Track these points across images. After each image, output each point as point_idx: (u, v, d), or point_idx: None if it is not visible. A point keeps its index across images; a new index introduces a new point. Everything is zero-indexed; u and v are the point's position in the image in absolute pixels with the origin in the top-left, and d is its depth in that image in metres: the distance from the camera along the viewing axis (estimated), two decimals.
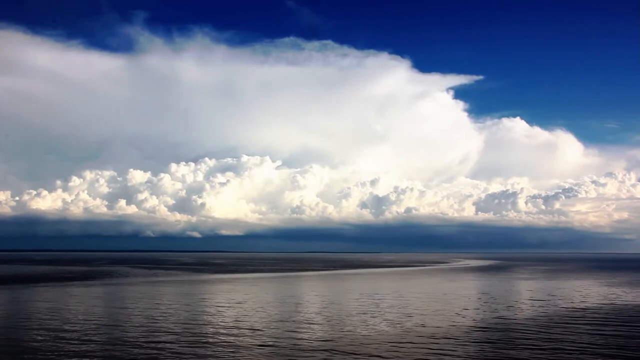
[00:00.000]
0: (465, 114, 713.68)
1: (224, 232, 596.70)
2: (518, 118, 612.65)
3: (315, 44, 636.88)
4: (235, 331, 31.16)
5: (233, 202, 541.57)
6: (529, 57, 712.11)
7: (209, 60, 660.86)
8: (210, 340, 28.40)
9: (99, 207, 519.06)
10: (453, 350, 25.75)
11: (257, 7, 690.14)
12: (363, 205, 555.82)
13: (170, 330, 31.28)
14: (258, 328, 32.24)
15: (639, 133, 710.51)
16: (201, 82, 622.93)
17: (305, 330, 31.49)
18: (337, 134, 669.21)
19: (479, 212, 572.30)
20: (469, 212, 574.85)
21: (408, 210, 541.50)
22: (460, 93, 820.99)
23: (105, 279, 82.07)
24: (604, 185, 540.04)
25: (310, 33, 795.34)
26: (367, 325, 33.34)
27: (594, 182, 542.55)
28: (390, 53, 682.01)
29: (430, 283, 75.95)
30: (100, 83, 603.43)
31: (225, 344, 27.38)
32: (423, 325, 33.28)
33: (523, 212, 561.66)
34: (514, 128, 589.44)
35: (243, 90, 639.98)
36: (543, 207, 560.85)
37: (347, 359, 24.18)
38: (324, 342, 27.71)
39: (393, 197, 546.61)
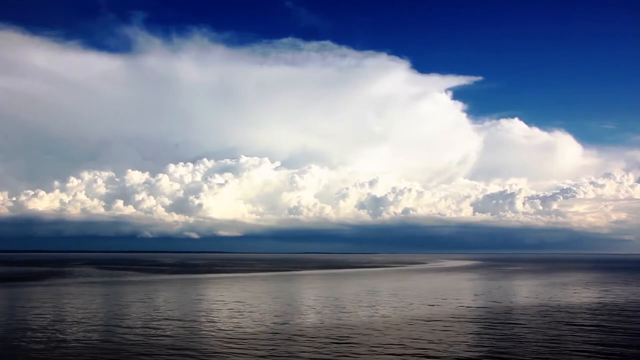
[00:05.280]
0: (464, 114, 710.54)
1: (222, 232, 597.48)
2: (516, 119, 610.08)
3: (314, 44, 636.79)
4: (110, 329, 31.00)
5: (231, 203, 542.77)
6: (528, 58, 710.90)
7: (208, 60, 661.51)
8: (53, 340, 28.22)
9: (97, 208, 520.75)
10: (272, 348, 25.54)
11: (256, 7, 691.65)
12: (361, 206, 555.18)
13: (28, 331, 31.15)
14: (134, 326, 32.04)
15: (637, 134, 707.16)
16: (200, 82, 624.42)
17: (165, 331, 31.29)
18: (336, 135, 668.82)
19: (477, 213, 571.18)
20: (466, 213, 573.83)
21: (406, 211, 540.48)
22: (459, 94, 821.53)
23: (48, 279, 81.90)
24: (602, 186, 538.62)
25: (309, 33, 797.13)
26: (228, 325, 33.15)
27: (592, 182, 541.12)
28: (389, 54, 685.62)
29: (368, 284, 75.44)
30: (99, 83, 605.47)
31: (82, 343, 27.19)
32: (284, 323, 33.06)
33: (521, 213, 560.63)
34: (512, 129, 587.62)
35: (242, 90, 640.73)
36: (541, 207, 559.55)
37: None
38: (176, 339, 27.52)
39: (391, 198, 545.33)
